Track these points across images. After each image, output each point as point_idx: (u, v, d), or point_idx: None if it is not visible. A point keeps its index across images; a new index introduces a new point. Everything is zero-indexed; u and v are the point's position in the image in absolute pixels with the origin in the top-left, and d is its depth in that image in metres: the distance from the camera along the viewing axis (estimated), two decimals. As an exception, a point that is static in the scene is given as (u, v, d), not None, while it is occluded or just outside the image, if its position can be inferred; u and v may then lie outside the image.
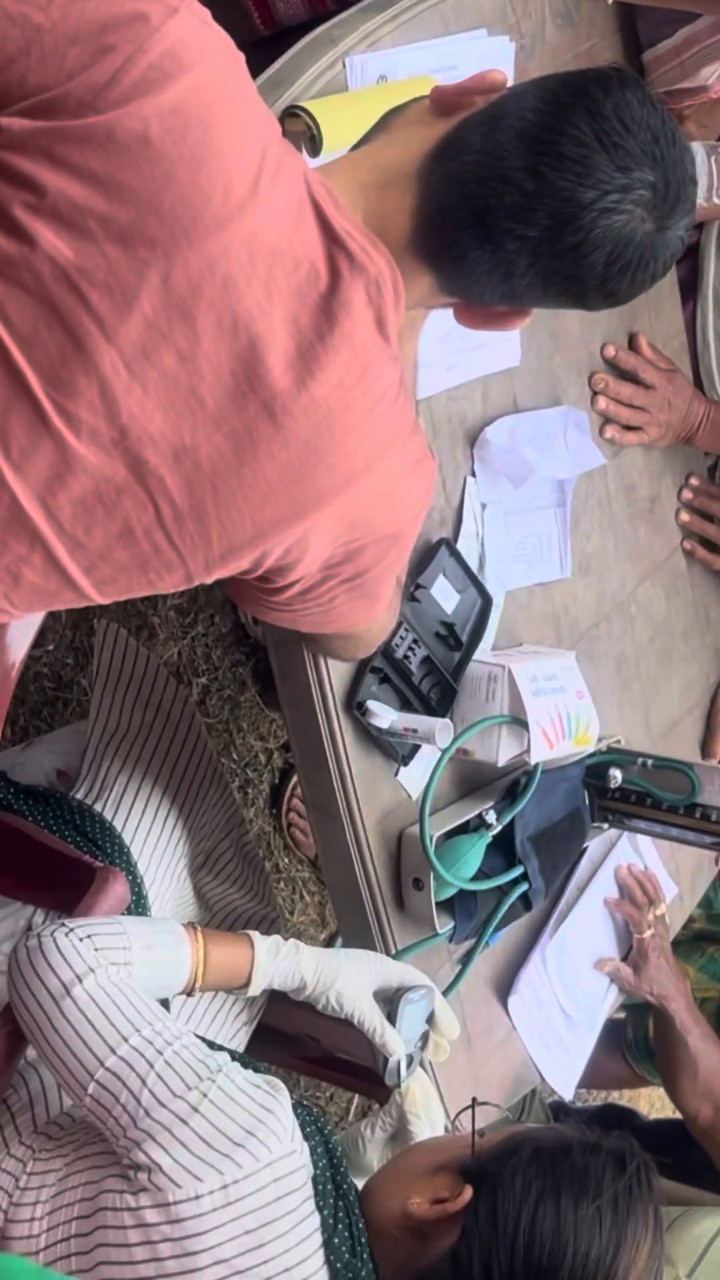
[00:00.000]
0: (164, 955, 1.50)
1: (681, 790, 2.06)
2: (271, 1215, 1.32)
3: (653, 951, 2.29)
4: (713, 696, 2.52)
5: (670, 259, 1.29)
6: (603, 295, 1.29)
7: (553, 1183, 1.36)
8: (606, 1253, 1.34)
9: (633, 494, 2.23)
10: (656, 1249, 1.38)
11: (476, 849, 1.85)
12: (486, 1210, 1.36)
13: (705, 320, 2.31)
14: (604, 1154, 1.40)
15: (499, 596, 1.94)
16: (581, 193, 1.20)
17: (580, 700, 1.96)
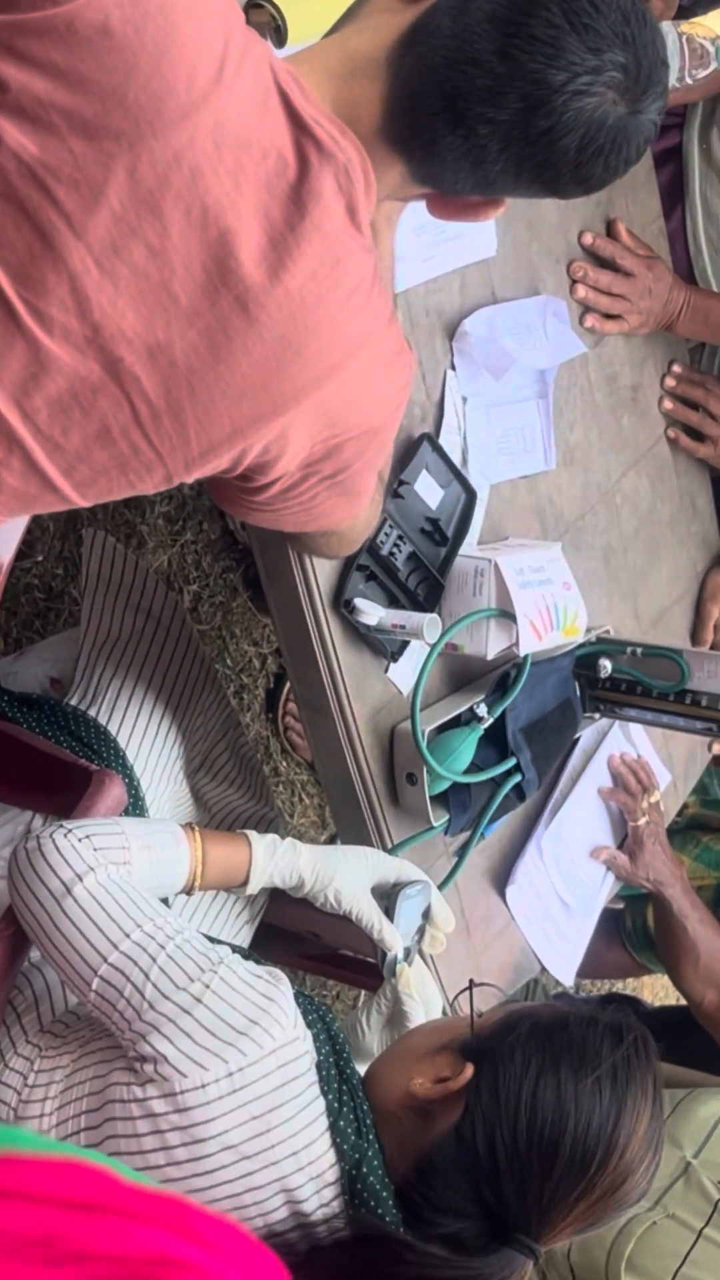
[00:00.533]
0: (163, 854, 1.52)
1: (671, 677, 2.07)
2: (277, 1101, 1.35)
3: (648, 838, 2.31)
4: (701, 584, 2.52)
5: (643, 142, 1.28)
6: (576, 181, 1.28)
7: (552, 1056, 1.39)
8: (607, 1122, 1.37)
9: (615, 383, 2.22)
10: (656, 1117, 1.41)
11: (469, 742, 1.87)
12: (488, 1086, 1.39)
13: (695, 226, 2.30)
14: (601, 1027, 1.43)
15: (483, 490, 1.94)
16: (552, 75, 1.19)
17: (568, 591, 1.96)
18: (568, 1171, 1.36)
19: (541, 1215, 1.37)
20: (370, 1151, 1.39)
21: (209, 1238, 0.86)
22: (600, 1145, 1.36)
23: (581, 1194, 1.37)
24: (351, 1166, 1.38)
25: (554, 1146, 1.36)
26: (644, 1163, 1.40)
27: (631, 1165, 1.39)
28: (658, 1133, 1.41)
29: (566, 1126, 1.36)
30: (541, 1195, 1.36)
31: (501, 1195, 1.37)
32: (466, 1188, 1.37)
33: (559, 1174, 1.36)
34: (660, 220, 2.27)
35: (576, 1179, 1.36)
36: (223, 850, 1.60)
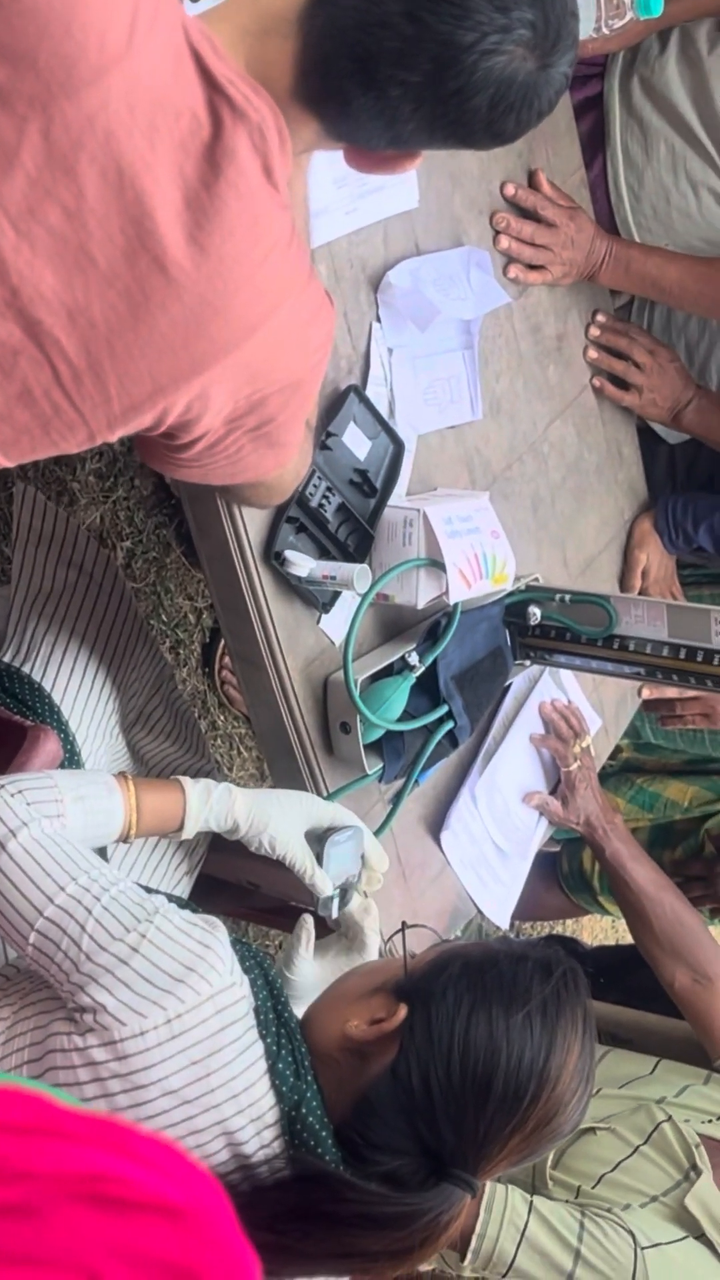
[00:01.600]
0: (96, 805, 1.54)
1: (600, 623, 2.10)
2: (216, 1046, 1.37)
3: (580, 783, 2.35)
4: (628, 531, 2.56)
5: (555, 95, 1.30)
6: (489, 136, 1.31)
7: (483, 994, 1.42)
8: (539, 1056, 1.40)
9: (539, 333, 2.24)
10: (586, 1049, 1.45)
11: (401, 691, 1.89)
12: (421, 1026, 1.42)
13: (616, 174, 2.31)
14: (530, 963, 1.46)
15: (411, 441, 1.96)
16: (461, 35, 1.21)
17: (496, 540, 1.99)
18: (501, 1106, 1.39)
19: (477, 1150, 1.40)
20: (309, 1092, 1.42)
21: (145, 1155, 0.89)
22: (532, 1079, 1.40)
23: (515, 1127, 1.40)
24: (290, 1108, 1.40)
25: (487, 1082, 1.39)
26: (575, 1094, 1.44)
27: (563, 1097, 1.42)
28: (588, 1065, 1.45)
29: (499, 1062, 1.39)
30: (477, 1130, 1.40)
31: (438, 1132, 1.40)
32: (403, 1125, 1.40)
33: (493, 1109, 1.39)
34: (582, 171, 2.28)
35: (510, 1113, 1.40)
36: (156, 797, 1.62)
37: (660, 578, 2.57)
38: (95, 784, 1.56)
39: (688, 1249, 2.09)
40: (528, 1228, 2.02)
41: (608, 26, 1.94)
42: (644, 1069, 2.39)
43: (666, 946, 2.41)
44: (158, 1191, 0.95)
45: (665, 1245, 2.07)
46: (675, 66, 2.24)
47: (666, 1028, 2.61)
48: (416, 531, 1.89)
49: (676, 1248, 2.08)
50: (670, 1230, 2.10)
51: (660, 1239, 2.07)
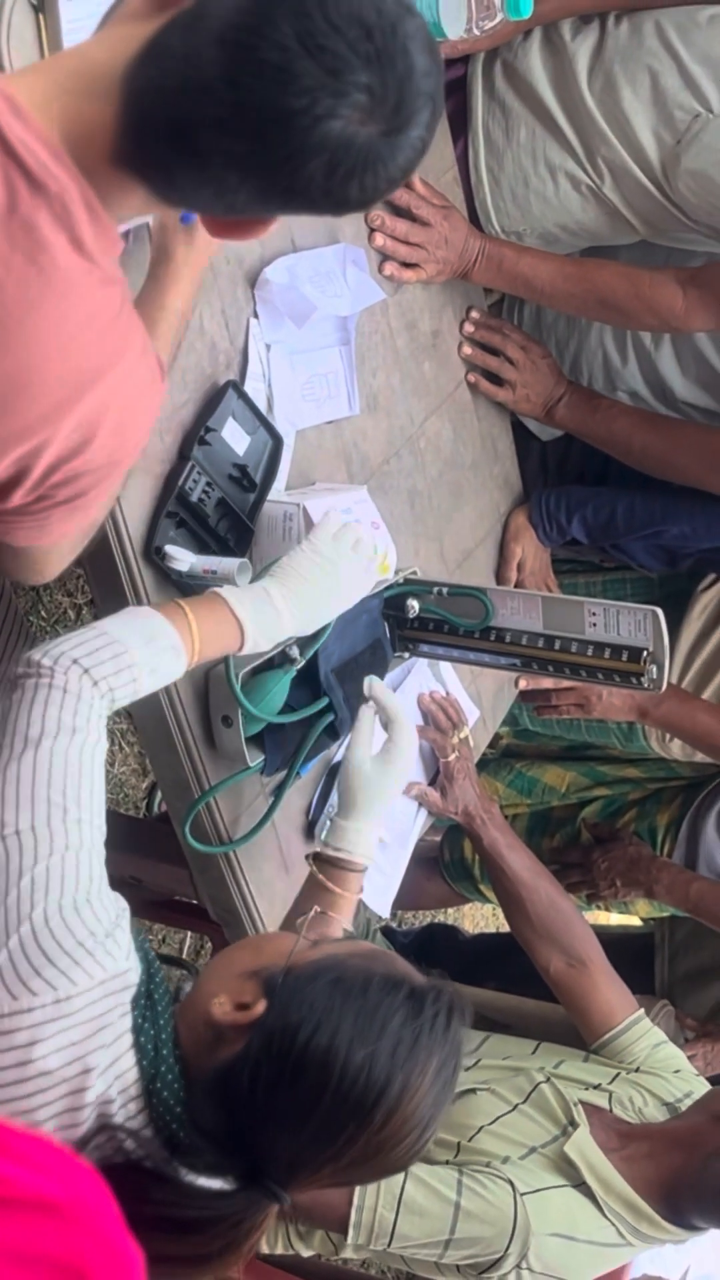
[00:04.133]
0: (165, 673, 1.55)
1: (477, 616, 2.13)
2: (97, 1027, 1.35)
3: (458, 774, 2.38)
4: (504, 525, 2.60)
5: (407, 161, 1.22)
6: (333, 204, 1.22)
7: (339, 1014, 1.38)
8: (368, 1097, 1.36)
9: (415, 329, 2.27)
10: (433, 1095, 1.40)
11: (282, 684, 1.91)
12: (269, 1028, 1.38)
13: (477, 156, 2.34)
14: (403, 994, 1.42)
15: (289, 436, 1.98)
16: (286, 101, 1.13)
17: (376, 530, 2.02)
18: (319, 1133, 1.36)
19: (289, 1166, 1.38)
20: (164, 1067, 1.39)
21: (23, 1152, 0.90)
22: (354, 1118, 1.36)
23: (330, 1157, 1.38)
24: (149, 1081, 1.38)
25: (308, 1105, 1.36)
26: (404, 1141, 1.40)
27: (389, 1140, 1.39)
28: (431, 1112, 1.41)
29: (326, 1088, 1.36)
30: (290, 1147, 1.37)
31: (254, 1136, 1.37)
32: (225, 1118, 1.37)
33: (310, 1133, 1.36)
34: (454, 170, 2.32)
35: (326, 1142, 1.37)
36: (213, 630, 1.61)
37: (535, 570, 2.61)
38: (165, 650, 1.54)
39: (567, 1195, 2.15)
40: (404, 1192, 2.05)
41: (478, 27, 1.98)
42: (525, 1050, 2.44)
43: (542, 932, 2.45)
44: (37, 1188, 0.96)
45: (545, 1190, 2.12)
46: (538, 52, 2.29)
47: (545, 1012, 2.66)
48: (296, 525, 1.91)
49: (556, 1193, 2.14)
50: (550, 1178, 2.15)
51: (539, 1185, 2.12)
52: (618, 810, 3.04)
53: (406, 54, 1.16)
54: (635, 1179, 2.19)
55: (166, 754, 1.91)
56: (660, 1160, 2.21)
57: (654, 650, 2.02)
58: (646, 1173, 2.20)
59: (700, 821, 2.94)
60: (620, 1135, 2.25)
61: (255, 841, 1.98)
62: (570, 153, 2.26)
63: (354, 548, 1.78)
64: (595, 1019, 2.41)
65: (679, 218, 2.22)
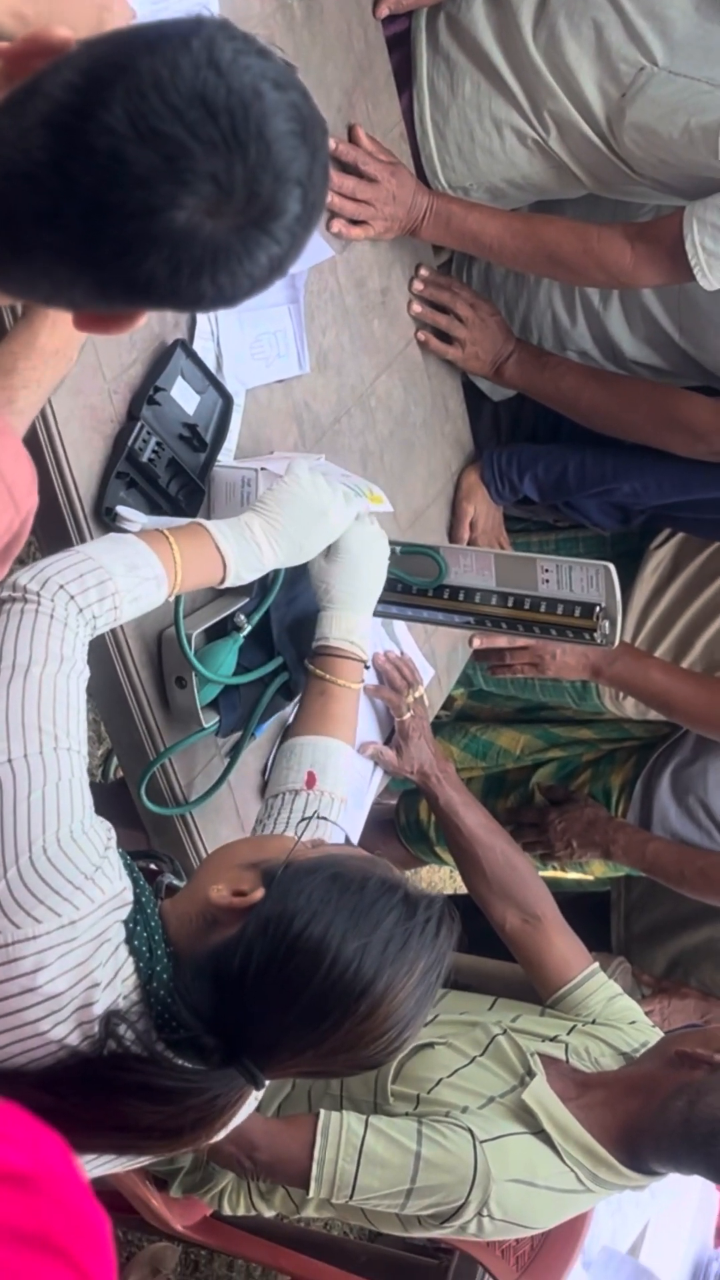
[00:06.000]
0: (146, 602, 1.56)
1: (430, 574, 2.14)
2: (97, 946, 1.39)
3: (413, 733, 2.39)
4: (456, 483, 2.59)
5: (276, 257, 1.07)
6: (186, 302, 1.09)
7: (335, 906, 1.43)
8: (355, 985, 1.40)
9: (364, 287, 2.26)
10: (416, 996, 1.44)
11: (234, 644, 1.90)
12: (266, 913, 1.42)
13: (422, 111, 2.33)
14: (399, 896, 1.46)
15: (239, 396, 1.97)
16: (115, 193, 1.00)
17: (346, 477, 2.01)
18: (304, 1016, 1.40)
19: (269, 1047, 1.41)
20: (159, 967, 1.43)
21: None
22: (339, 1005, 1.40)
23: (311, 1042, 1.41)
24: (146, 981, 1.42)
25: (298, 989, 1.40)
26: (384, 1035, 1.44)
27: (367, 1032, 1.42)
28: (412, 1012, 1.45)
29: (315, 973, 1.40)
30: (274, 1029, 1.40)
31: (238, 1016, 1.41)
32: (214, 999, 1.41)
33: (294, 1016, 1.40)
34: (401, 125, 2.31)
35: (309, 1026, 1.41)
36: (196, 562, 1.62)
37: (488, 528, 2.62)
38: (147, 580, 1.55)
39: (526, 1142, 2.17)
40: (365, 1144, 2.07)
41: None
42: (482, 1005, 2.46)
43: (497, 890, 2.46)
44: (4, 1160, 0.96)
45: (504, 1138, 2.14)
46: (482, 5, 2.28)
47: (504, 971, 2.67)
48: (255, 491, 1.90)
49: (515, 1140, 2.16)
50: (509, 1126, 2.18)
51: (498, 1133, 2.14)
52: (572, 772, 3.06)
53: (262, 137, 1.01)
54: (593, 1126, 2.21)
55: (121, 718, 1.90)
56: (617, 1107, 2.23)
57: (607, 605, 2.03)
58: (604, 1120, 2.22)
59: (654, 782, 2.95)
60: (577, 1084, 2.27)
61: (212, 803, 1.97)
62: (516, 106, 2.26)
63: (329, 482, 1.81)
64: (551, 974, 2.43)
65: (625, 171, 2.22)
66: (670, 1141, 2.22)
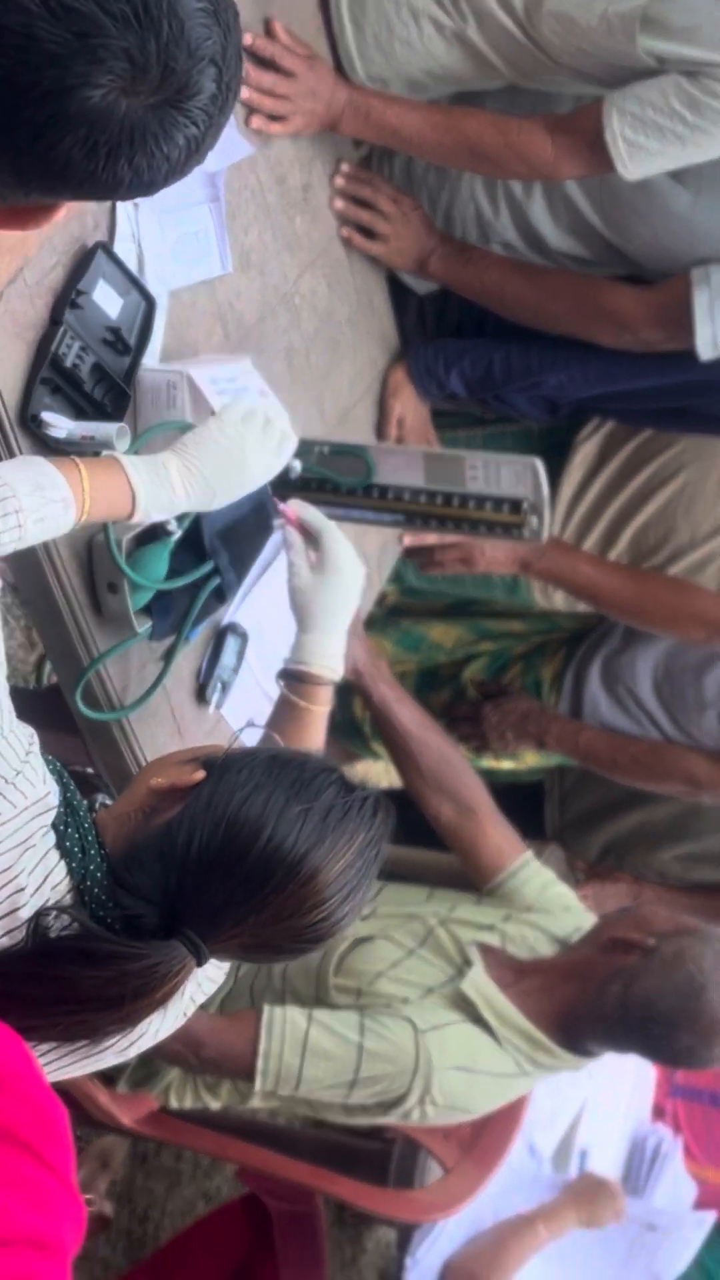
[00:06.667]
0: (53, 525, 1.53)
1: (358, 473, 2.14)
2: (22, 851, 1.40)
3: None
4: (383, 381, 2.59)
5: (192, 138, 1.09)
6: (105, 187, 1.10)
7: (274, 780, 1.45)
8: (297, 849, 1.42)
9: (285, 184, 2.23)
10: (356, 868, 1.47)
11: (165, 549, 1.90)
12: (208, 791, 1.45)
13: (339, 2, 2.30)
14: (336, 776, 1.49)
15: (162, 298, 1.95)
16: (28, 74, 1.01)
17: (264, 399, 2.00)
18: (246, 882, 1.42)
19: (213, 917, 1.43)
20: (93, 865, 1.45)
21: None
22: (281, 867, 1.42)
23: (254, 909, 1.43)
24: (79, 881, 1.44)
25: (241, 854, 1.42)
26: (325, 903, 1.45)
27: (308, 899, 1.44)
28: (353, 884, 1.47)
29: (258, 839, 1.41)
30: (218, 897, 1.42)
31: (182, 887, 1.42)
32: (156, 873, 1.43)
33: (237, 881, 1.42)
34: (319, 18, 2.27)
35: (252, 891, 1.42)
36: (104, 491, 1.59)
37: (416, 425, 2.62)
38: (53, 502, 1.52)
39: (465, 1030, 2.24)
40: (309, 1037, 2.12)
41: None
42: (419, 897, 2.50)
43: (432, 783, 2.50)
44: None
45: (444, 1027, 2.20)
46: None
47: (440, 862, 2.72)
48: (181, 394, 1.89)
49: (454, 1029, 2.22)
50: (448, 1015, 2.24)
51: (438, 1022, 2.20)
52: (503, 666, 3.09)
53: (175, 14, 1.03)
54: (530, 1012, 2.27)
55: (53, 625, 1.90)
56: (554, 993, 2.29)
57: (534, 501, 2.04)
58: (541, 1005, 2.28)
59: (584, 672, 2.99)
60: (514, 972, 2.32)
61: (148, 707, 1.99)
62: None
63: (263, 429, 1.77)
64: (485, 864, 2.48)
65: (544, 60, 2.20)
66: (606, 1025, 2.29)
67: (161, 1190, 3.51)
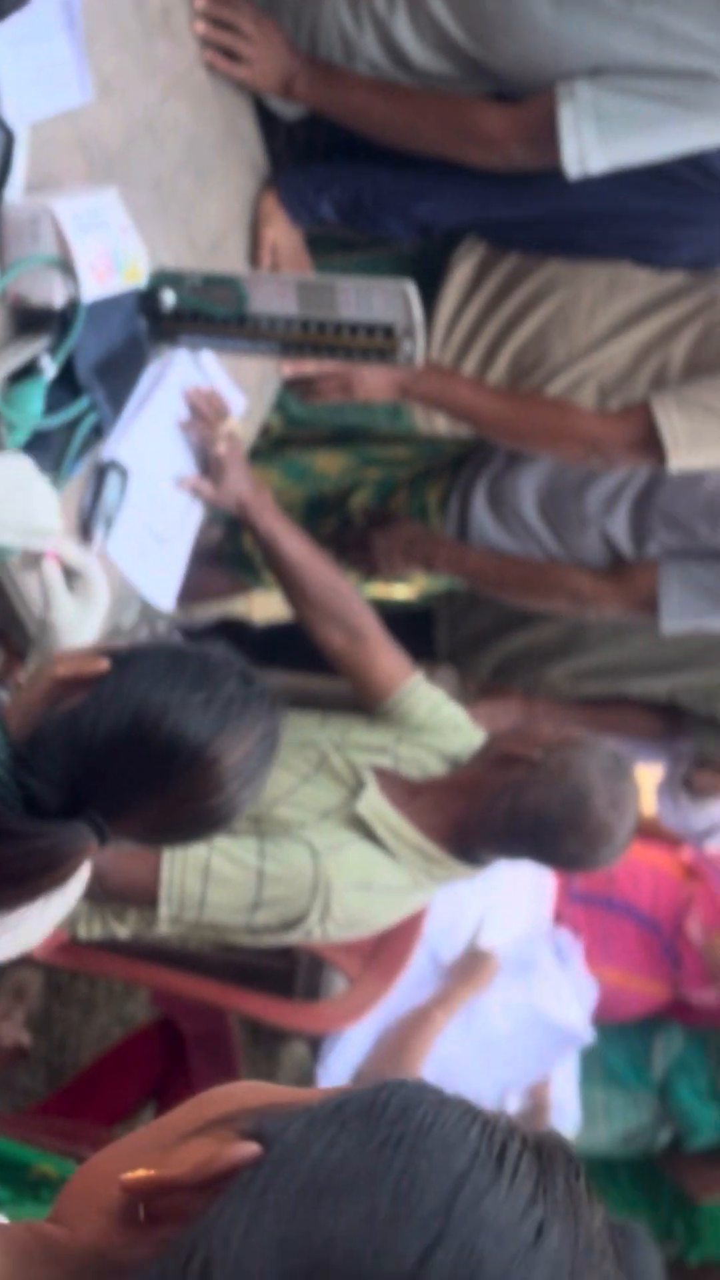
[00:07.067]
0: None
1: (232, 304, 2.13)
2: None
3: (229, 464, 2.40)
4: (254, 209, 2.56)
5: None
6: None
7: (178, 670, 1.49)
8: (202, 734, 1.46)
9: (144, 7, 2.18)
10: (257, 755, 1.52)
11: (39, 386, 1.90)
12: (114, 680, 1.48)
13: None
14: (236, 669, 1.53)
15: (21, 131, 1.91)
16: None
17: (125, 235, 1.98)
18: (149, 766, 1.46)
19: (117, 798, 1.46)
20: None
21: None
22: (184, 752, 1.46)
23: (156, 791, 1.48)
24: None
25: (146, 738, 1.45)
26: (226, 787, 1.50)
27: (211, 782, 1.49)
28: (254, 771, 1.52)
29: (162, 724, 1.46)
30: (121, 780, 1.46)
31: (87, 770, 1.45)
32: (61, 756, 1.45)
33: (140, 765, 1.46)
34: None
35: (155, 775, 1.47)
36: None
37: (289, 253, 2.59)
38: None
39: (362, 849, 2.31)
40: (210, 864, 2.18)
41: None
42: (313, 722, 2.55)
43: (321, 611, 2.53)
44: None
45: (340, 847, 2.28)
46: None
47: (331, 688, 2.77)
48: (44, 229, 1.87)
49: (350, 848, 2.30)
50: (345, 835, 2.31)
51: (335, 843, 2.27)
52: (389, 492, 3.11)
53: None
54: (424, 827, 2.34)
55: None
56: (446, 809, 2.36)
57: (406, 325, 2.05)
58: (434, 821, 2.35)
59: (469, 495, 3.03)
60: (407, 791, 2.39)
61: (30, 545, 1.99)
62: None
63: None
64: (377, 687, 2.53)
65: None
66: (497, 835, 2.37)
67: (77, 1018, 3.61)
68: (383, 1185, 0.72)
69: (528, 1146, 0.78)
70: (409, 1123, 0.76)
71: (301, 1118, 0.77)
